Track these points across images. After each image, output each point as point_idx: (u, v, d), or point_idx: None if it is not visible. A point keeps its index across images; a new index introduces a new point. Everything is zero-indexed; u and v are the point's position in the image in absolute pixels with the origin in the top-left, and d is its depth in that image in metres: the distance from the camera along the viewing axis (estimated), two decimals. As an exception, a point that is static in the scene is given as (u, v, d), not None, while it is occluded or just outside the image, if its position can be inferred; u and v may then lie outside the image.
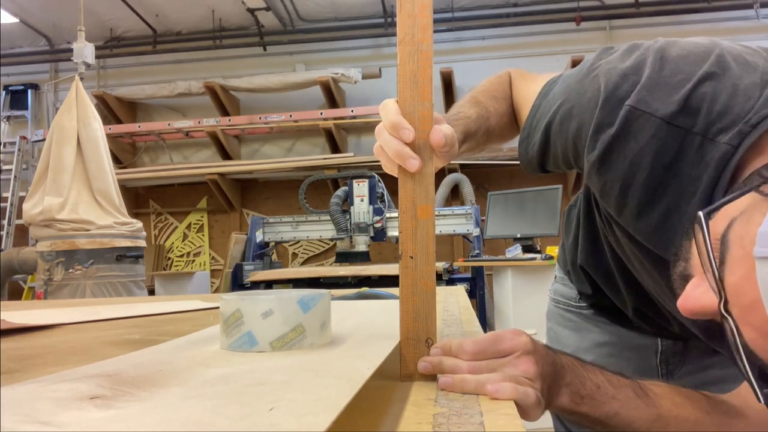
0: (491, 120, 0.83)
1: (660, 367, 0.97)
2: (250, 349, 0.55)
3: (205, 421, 0.32)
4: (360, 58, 5.65)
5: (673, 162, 0.60)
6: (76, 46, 3.69)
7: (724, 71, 0.60)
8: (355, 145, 5.67)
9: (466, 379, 0.51)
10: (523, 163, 0.83)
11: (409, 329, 0.52)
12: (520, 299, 3.28)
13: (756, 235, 0.46)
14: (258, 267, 4.15)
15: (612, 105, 0.62)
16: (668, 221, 0.63)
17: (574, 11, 5.26)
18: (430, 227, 0.51)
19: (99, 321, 1.01)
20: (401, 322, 0.53)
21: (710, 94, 0.59)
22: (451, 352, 0.55)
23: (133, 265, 3.48)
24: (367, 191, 4.10)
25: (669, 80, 0.60)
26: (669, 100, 0.59)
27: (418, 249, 0.51)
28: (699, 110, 0.59)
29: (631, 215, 0.66)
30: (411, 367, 0.53)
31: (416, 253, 0.51)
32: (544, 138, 0.75)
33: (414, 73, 0.48)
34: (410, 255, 0.51)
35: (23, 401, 0.37)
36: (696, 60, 0.61)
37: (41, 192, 3.34)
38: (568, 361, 0.63)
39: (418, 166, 0.50)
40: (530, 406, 0.51)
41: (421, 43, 0.46)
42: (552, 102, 0.74)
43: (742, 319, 0.48)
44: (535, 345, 0.58)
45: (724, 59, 0.61)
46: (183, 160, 5.95)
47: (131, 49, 5.92)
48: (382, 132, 0.53)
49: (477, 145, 0.83)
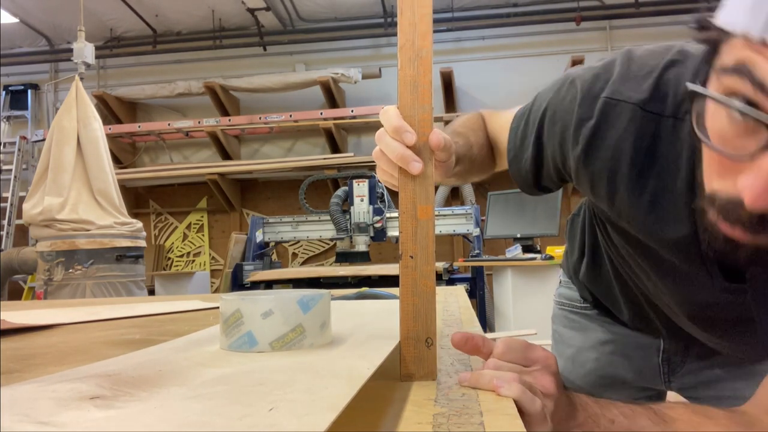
0: (474, 149, 0.86)
1: (662, 365, 0.97)
2: (249, 350, 0.55)
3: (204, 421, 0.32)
4: (360, 58, 5.65)
5: (652, 145, 0.65)
6: (76, 46, 3.69)
7: (686, 58, 0.65)
8: (355, 145, 5.67)
9: (483, 374, 0.51)
10: (519, 182, 0.87)
11: (409, 329, 0.53)
12: (520, 299, 3.27)
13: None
14: (258, 267, 4.15)
15: (589, 101, 0.67)
16: (658, 203, 0.66)
17: (574, 11, 5.26)
18: (430, 227, 0.51)
19: (99, 321, 1.01)
20: (401, 321, 0.53)
21: (674, 79, 0.64)
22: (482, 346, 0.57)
23: (133, 265, 3.48)
24: (367, 191, 4.10)
25: (638, 73, 0.66)
26: (640, 89, 0.65)
27: (418, 249, 0.51)
28: (667, 95, 0.64)
29: (623, 203, 0.69)
30: (411, 367, 0.53)
31: (416, 252, 0.51)
32: (536, 150, 0.78)
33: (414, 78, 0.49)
34: (410, 255, 0.51)
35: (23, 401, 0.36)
36: (659, 53, 0.67)
37: (41, 192, 3.34)
38: (581, 400, 0.62)
39: (420, 169, 0.51)
40: (534, 415, 0.51)
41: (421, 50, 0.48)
42: (535, 117, 0.77)
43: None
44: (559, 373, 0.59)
45: (685, 49, 0.66)
46: (183, 160, 5.95)
47: (131, 49, 5.92)
48: (384, 136, 0.54)
49: (464, 171, 0.84)
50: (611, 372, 1.02)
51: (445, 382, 0.53)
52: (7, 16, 5.45)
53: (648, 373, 0.99)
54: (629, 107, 0.65)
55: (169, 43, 5.89)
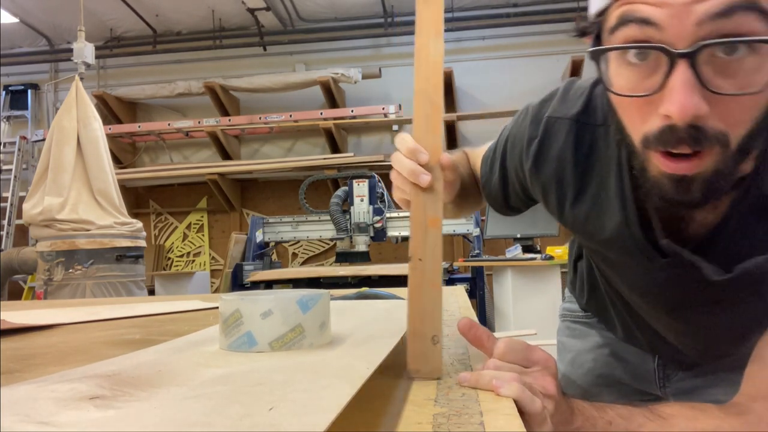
0: (465, 179, 0.96)
1: (657, 370, 1.00)
2: (249, 350, 0.55)
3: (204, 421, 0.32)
4: (360, 58, 5.64)
5: (590, 152, 0.75)
6: (76, 46, 3.69)
7: None
8: (355, 145, 5.67)
9: (483, 374, 0.52)
10: (491, 203, 0.97)
11: (416, 326, 0.55)
12: (520, 299, 3.27)
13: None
14: (258, 267, 4.15)
15: (536, 122, 0.80)
16: (597, 203, 0.75)
17: (574, 11, 5.26)
18: (438, 235, 0.57)
19: (99, 321, 1.01)
20: (409, 319, 0.56)
21: (601, 92, 0.75)
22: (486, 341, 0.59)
23: (133, 265, 3.48)
24: (367, 191, 4.10)
25: (573, 94, 0.78)
26: (575, 106, 0.77)
27: (427, 253, 0.56)
28: (596, 107, 0.75)
29: (570, 205, 0.78)
30: (417, 363, 0.55)
31: (425, 256, 0.56)
32: (501, 173, 0.89)
33: (427, 115, 0.60)
34: (419, 258, 0.56)
35: (23, 401, 0.37)
36: (591, 79, 0.78)
37: (41, 192, 3.34)
38: (578, 404, 0.63)
39: (428, 181, 0.58)
40: (534, 415, 0.51)
41: (433, 96, 0.59)
42: (500, 146, 0.89)
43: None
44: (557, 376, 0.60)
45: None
46: (183, 160, 5.95)
47: (131, 49, 5.91)
48: (399, 157, 0.61)
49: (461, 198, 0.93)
50: (608, 372, 1.04)
51: (445, 382, 0.53)
52: (7, 16, 5.45)
53: (644, 377, 1.01)
54: (567, 122, 0.76)
55: (169, 43, 5.89)
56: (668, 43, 0.53)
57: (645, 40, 0.55)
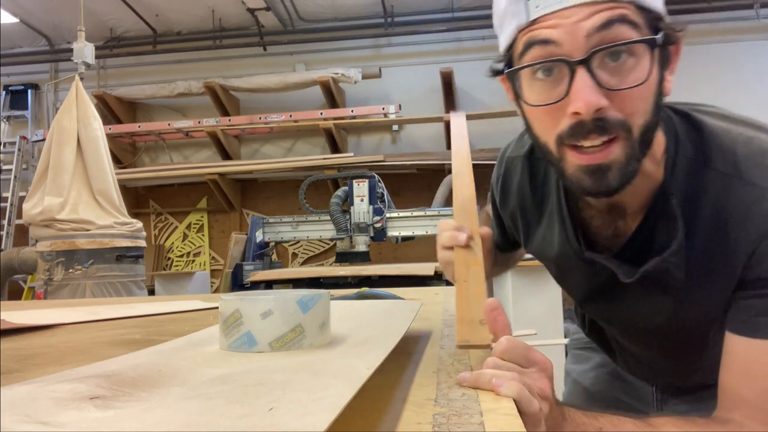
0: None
1: (656, 393, 1.03)
2: (249, 350, 0.55)
3: (204, 421, 0.32)
4: (360, 58, 5.64)
5: (544, 181, 0.88)
6: (76, 46, 3.69)
7: None
8: (355, 145, 5.67)
9: (483, 373, 0.52)
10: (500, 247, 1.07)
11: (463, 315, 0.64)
12: (520, 299, 3.27)
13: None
14: (258, 267, 4.15)
15: (500, 164, 0.97)
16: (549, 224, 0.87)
17: (574, 11, 5.25)
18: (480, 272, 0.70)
19: (99, 321, 1.01)
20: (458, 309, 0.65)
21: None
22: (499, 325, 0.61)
23: (133, 265, 3.47)
24: (367, 191, 4.10)
25: (526, 138, 0.90)
26: (526, 145, 0.91)
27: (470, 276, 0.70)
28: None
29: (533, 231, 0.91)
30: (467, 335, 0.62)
31: (468, 278, 0.69)
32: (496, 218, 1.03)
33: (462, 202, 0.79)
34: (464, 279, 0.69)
35: (23, 401, 0.37)
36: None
37: (41, 192, 3.33)
38: (570, 412, 0.65)
39: (465, 239, 0.72)
40: (530, 416, 0.51)
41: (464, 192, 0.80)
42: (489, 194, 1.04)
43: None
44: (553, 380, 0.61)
45: None
46: (183, 160, 5.95)
47: (131, 49, 5.91)
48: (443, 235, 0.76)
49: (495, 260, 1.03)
50: (607, 389, 1.08)
51: (445, 382, 0.53)
52: (7, 16, 5.45)
53: (642, 398, 1.05)
54: (521, 159, 0.91)
55: (169, 43, 5.89)
56: (567, 56, 0.65)
57: (548, 56, 0.66)
